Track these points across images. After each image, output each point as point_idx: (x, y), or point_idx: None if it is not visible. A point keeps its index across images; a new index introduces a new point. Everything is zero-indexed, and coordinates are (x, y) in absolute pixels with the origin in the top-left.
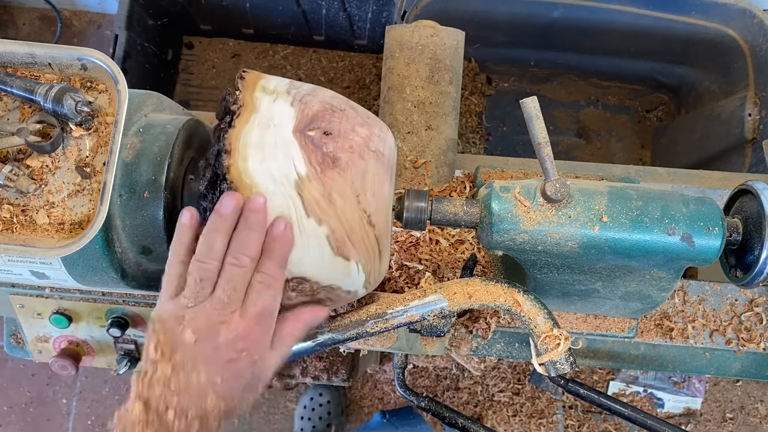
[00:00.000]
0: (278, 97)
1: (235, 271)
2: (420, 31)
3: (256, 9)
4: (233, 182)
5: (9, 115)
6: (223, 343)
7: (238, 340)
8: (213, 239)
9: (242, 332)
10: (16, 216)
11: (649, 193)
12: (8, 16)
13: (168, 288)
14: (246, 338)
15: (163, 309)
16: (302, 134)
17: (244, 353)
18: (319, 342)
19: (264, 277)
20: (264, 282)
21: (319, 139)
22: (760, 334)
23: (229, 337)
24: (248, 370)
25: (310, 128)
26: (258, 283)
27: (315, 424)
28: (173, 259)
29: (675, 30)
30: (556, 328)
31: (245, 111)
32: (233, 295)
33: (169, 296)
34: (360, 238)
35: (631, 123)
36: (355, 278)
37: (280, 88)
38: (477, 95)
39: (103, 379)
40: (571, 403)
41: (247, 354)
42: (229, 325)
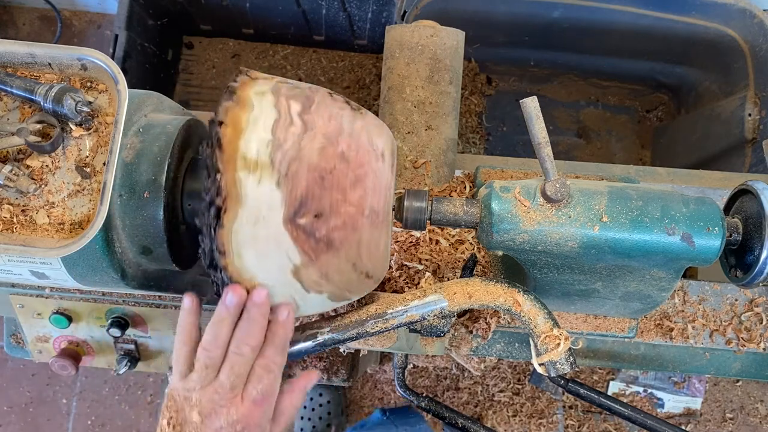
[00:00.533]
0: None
1: (238, 359)
2: (420, 31)
3: (256, 9)
4: (233, 278)
5: (9, 115)
6: (225, 425)
7: (238, 422)
8: (218, 330)
9: (242, 415)
10: (16, 216)
11: (649, 193)
12: (8, 16)
13: (178, 368)
14: (245, 421)
15: (175, 388)
16: (293, 224)
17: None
18: (319, 342)
19: (265, 363)
20: (265, 367)
21: (311, 225)
22: (760, 334)
23: (230, 420)
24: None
25: (300, 215)
26: (259, 368)
27: (315, 424)
28: (180, 341)
29: (675, 30)
30: (556, 328)
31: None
32: (236, 381)
33: (180, 376)
34: (357, 287)
35: (631, 123)
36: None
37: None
38: (477, 95)
39: (103, 379)
40: (571, 403)
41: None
42: (230, 408)
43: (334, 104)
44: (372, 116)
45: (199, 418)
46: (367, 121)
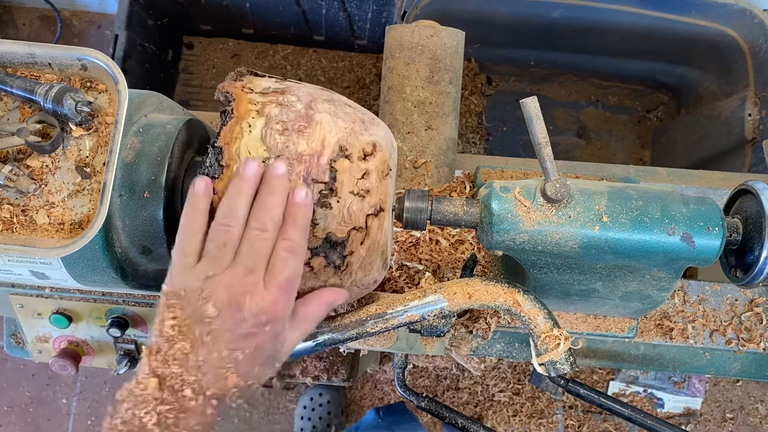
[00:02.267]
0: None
1: (259, 236)
2: (420, 31)
3: (256, 9)
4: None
5: (9, 115)
6: (248, 316)
7: (263, 312)
8: (236, 203)
9: (268, 303)
10: (16, 216)
11: (649, 193)
12: (8, 16)
13: (183, 259)
14: (271, 310)
15: (180, 281)
16: None
17: (268, 326)
18: (319, 342)
19: (289, 244)
20: (289, 249)
21: None
22: (760, 334)
23: (253, 309)
24: (269, 344)
25: None
26: (283, 250)
27: (315, 424)
28: (187, 229)
29: (675, 30)
30: (556, 328)
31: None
32: (257, 262)
33: (185, 267)
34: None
35: (631, 123)
36: None
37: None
38: (477, 95)
39: (103, 379)
40: (571, 403)
41: (270, 327)
42: (254, 295)
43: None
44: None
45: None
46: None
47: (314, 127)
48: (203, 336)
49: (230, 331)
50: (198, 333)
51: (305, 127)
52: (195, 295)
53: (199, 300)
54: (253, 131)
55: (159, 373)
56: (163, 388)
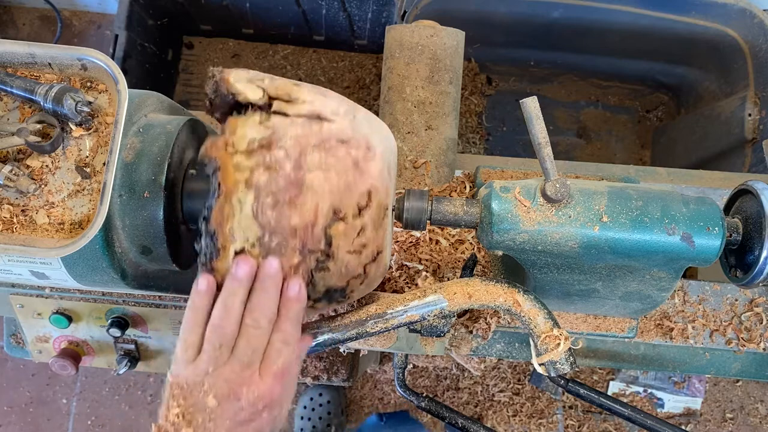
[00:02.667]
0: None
1: (255, 333)
2: (420, 31)
3: (256, 9)
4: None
5: (9, 115)
6: (245, 405)
7: (260, 400)
8: (230, 304)
9: (263, 392)
10: (16, 216)
11: (649, 193)
12: (8, 16)
13: (185, 353)
14: (267, 397)
15: (182, 375)
16: None
17: (265, 412)
18: (319, 342)
19: (283, 337)
20: (283, 341)
21: None
22: (760, 334)
23: (250, 399)
24: (269, 425)
25: None
26: (277, 342)
27: (315, 424)
28: (190, 324)
29: (675, 30)
30: (556, 328)
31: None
32: (253, 356)
33: (187, 361)
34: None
35: (631, 123)
36: None
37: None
38: (477, 95)
39: (103, 379)
40: (571, 403)
41: (267, 412)
42: (250, 386)
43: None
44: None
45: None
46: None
47: (305, 194)
48: (205, 423)
49: (230, 419)
50: (200, 420)
51: (296, 196)
52: (197, 389)
53: (200, 393)
54: (244, 208)
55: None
56: None
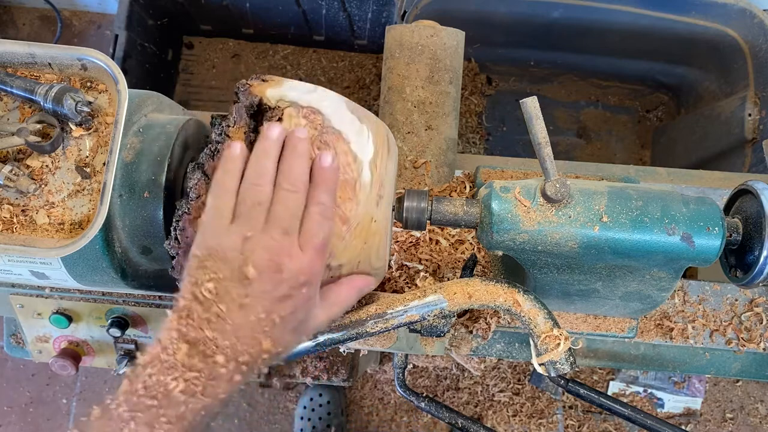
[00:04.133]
0: None
1: (291, 197)
2: (420, 31)
3: (256, 9)
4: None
5: (9, 115)
6: (287, 278)
7: (301, 273)
8: (264, 163)
9: (305, 265)
10: (16, 216)
11: (649, 193)
12: (8, 16)
13: (217, 219)
14: (308, 271)
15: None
16: None
17: (305, 288)
18: (319, 342)
19: (321, 208)
20: (323, 213)
21: None
22: (760, 334)
23: (293, 271)
24: (303, 308)
25: None
26: (317, 214)
27: (315, 425)
28: (222, 188)
29: (675, 30)
30: (556, 328)
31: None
32: (292, 221)
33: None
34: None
35: (631, 123)
36: (364, 142)
37: None
38: (477, 95)
39: (103, 379)
40: (571, 403)
41: (306, 289)
42: (292, 257)
43: None
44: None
45: (254, 273)
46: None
47: None
48: (242, 298)
49: (269, 293)
50: (236, 295)
51: None
52: (234, 255)
53: (238, 261)
54: None
55: (190, 338)
56: (193, 354)
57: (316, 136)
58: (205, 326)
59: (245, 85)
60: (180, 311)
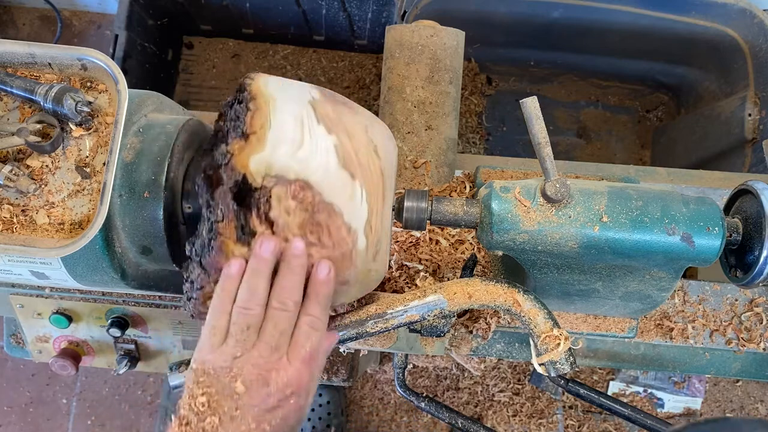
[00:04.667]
0: None
1: (282, 315)
2: (420, 31)
3: (256, 9)
4: (252, 92)
5: (9, 115)
6: (274, 391)
7: (288, 385)
8: (255, 284)
9: (292, 377)
10: (16, 216)
11: (649, 193)
12: (8, 16)
13: (212, 338)
14: (295, 383)
15: (209, 360)
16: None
17: (293, 399)
18: None
19: (312, 320)
20: (312, 325)
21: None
22: (760, 334)
23: (279, 384)
24: (294, 414)
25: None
26: (306, 326)
27: (315, 425)
28: (218, 309)
29: (675, 30)
30: (556, 328)
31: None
32: (281, 339)
33: (213, 346)
34: (366, 160)
35: (631, 123)
36: (357, 207)
37: None
38: (477, 95)
39: (103, 379)
40: (571, 403)
41: (295, 399)
42: (279, 371)
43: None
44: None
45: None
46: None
47: None
48: (232, 411)
49: (257, 406)
50: (227, 408)
51: None
52: (224, 374)
53: (228, 378)
54: None
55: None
56: None
57: (307, 219)
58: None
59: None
60: (180, 419)
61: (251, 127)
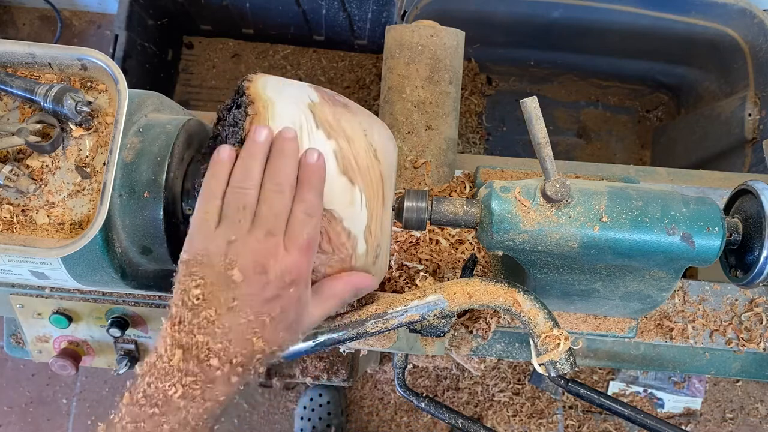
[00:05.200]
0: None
1: (276, 197)
2: (420, 31)
3: (256, 9)
4: (250, 96)
5: (9, 115)
6: (273, 279)
7: (287, 273)
8: (250, 166)
9: (290, 265)
10: (16, 216)
11: (649, 193)
12: (8, 16)
13: (203, 223)
14: (294, 271)
15: (201, 246)
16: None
17: (292, 288)
18: (319, 342)
19: (306, 206)
20: (307, 211)
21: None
22: (760, 334)
23: (278, 272)
24: (293, 307)
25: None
26: (301, 213)
27: (315, 425)
28: (209, 193)
29: (675, 30)
30: (556, 328)
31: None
32: (276, 222)
33: (206, 232)
34: (366, 165)
35: (631, 123)
36: (357, 213)
37: None
38: (477, 95)
39: (103, 379)
40: (571, 403)
41: (294, 288)
42: (277, 258)
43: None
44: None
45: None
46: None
47: None
48: (229, 302)
49: (256, 295)
50: (224, 299)
51: None
52: (219, 260)
53: (223, 266)
54: None
55: (183, 343)
56: (188, 359)
57: None
58: (197, 331)
59: None
60: (172, 318)
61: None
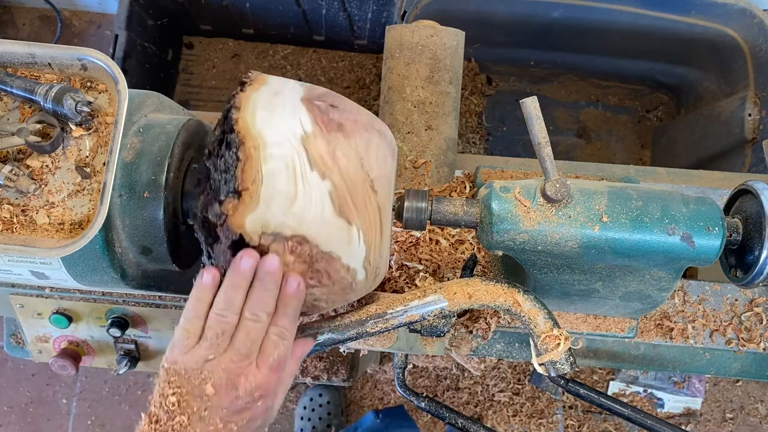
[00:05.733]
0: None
1: (254, 326)
2: (420, 31)
3: (256, 9)
4: (240, 133)
5: (9, 115)
6: (242, 394)
7: (256, 389)
8: (233, 295)
9: (260, 381)
10: (16, 216)
11: (649, 193)
12: (8, 16)
13: (185, 341)
14: (263, 387)
15: (181, 361)
16: (310, 102)
17: (260, 402)
18: (319, 342)
19: (280, 331)
20: (279, 335)
21: (326, 107)
22: (760, 334)
23: (247, 388)
24: (261, 416)
25: (317, 100)
26: (274, 336)
27: (315, 425)
28: (192, 315)
29: (675, 30)
30: (556, 328)
31: (256, 82)
32: (251, 347)
33: (186, 348)
34: (362, 200)
35: (631, 123)
36: (355, 249)
37: None
38: (477, 95)
39: (103, 379)
40: (571, 403)
41: (262, 402)
42: (248, 376)
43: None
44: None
45: (212, 391)
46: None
47: None
48: (201, 411)
49: (226, 408)
50: (196, 408)
51: None
52: (195, 375)
53: (198, 380)
54: None
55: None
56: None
57: (306, 268)
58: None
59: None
60: (150, 415)
61: (243, 182)
